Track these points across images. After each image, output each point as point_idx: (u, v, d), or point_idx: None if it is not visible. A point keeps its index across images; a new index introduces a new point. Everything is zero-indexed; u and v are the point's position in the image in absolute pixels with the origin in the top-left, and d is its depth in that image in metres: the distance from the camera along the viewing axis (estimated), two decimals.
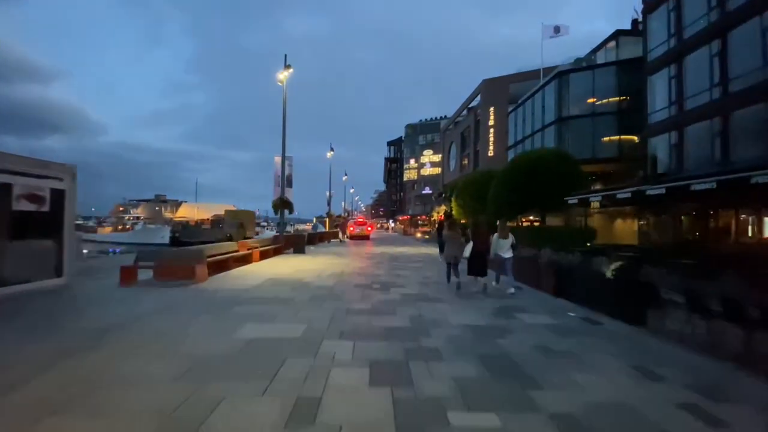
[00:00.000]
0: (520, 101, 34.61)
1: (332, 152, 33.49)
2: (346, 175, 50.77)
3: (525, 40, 48.42)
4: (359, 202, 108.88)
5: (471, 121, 49.96)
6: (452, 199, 29.90)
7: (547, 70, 36.89)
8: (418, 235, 33.63)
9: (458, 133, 55.80)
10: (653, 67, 18.89)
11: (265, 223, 68.17)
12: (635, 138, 25.07)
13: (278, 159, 16.68)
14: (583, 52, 30.39)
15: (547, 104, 29.06)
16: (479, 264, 9.03)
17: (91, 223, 75.07)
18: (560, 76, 27.29)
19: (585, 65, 27.21)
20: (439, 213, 28.69)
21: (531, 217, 32.36)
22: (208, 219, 74.13)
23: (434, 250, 20.24)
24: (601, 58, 28.04)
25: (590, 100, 26.36)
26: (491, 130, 44.43)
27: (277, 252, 15.51)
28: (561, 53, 31.92)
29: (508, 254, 9.11)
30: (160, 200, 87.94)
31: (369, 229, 30.40)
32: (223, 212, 77.67)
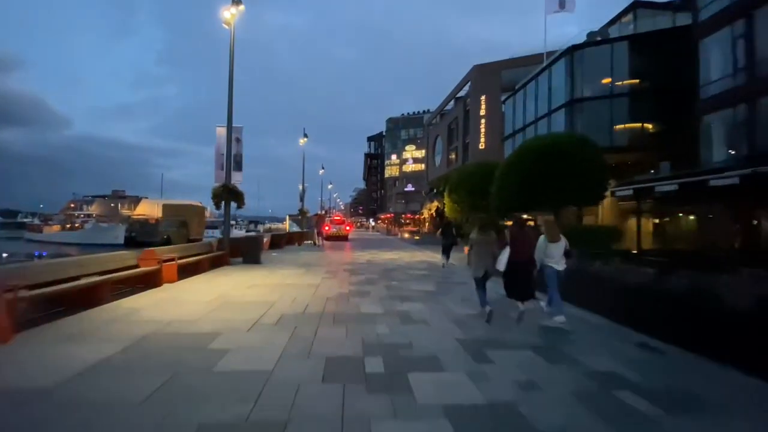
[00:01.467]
0: (519, 84, 30.75)
1: (305, 139, 28.70)
2: (323, 168, 45.96)
3: (500, 41, 45.17)
4: (338, 200, 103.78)
5: (459, 112, 46.08)
6: (445, 194, 25.69)
7: (534, 57, 33.40)
8: (406, 235, 29.26)
9: (444, 126, 51.88)
10: (709, 28, 15.15)
11: (234, 222, 62.48)
12: (649, 126, 21.64)
13: (222, 131, 11.91)
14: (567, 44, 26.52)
15: (556, 85, 25.22)
16: (523, 280, 6.17)
17: (36, 221, 67.36)
18: (572, 51, 23.45)
19: (600, 39, 23.48)
20: (430, 210, 24.33)
21: (524, 216, 28.65)
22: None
23: (432, 255, 15.88)
24: (614, 33, 24.40)
25: (607, 80, 22.63)
26: (482, 121, 40.65)
27: (215, 263, 10.74)
28: (553, 42, 28.10)
29: (560, 265, 6.25)
30: (118, 196, 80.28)
31: (347, 228, 25.83)
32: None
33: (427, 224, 27.18)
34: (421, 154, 76.80)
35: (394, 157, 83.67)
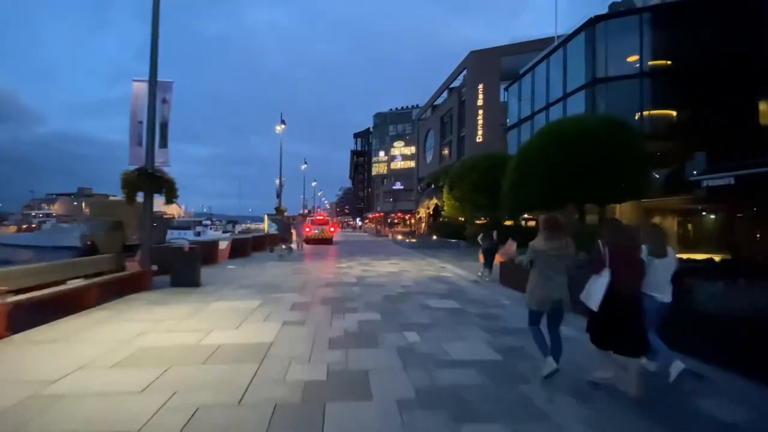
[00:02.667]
0: (526, 68, 27.39)
1: (283, 125, 24.76)
2: (305, 163, 41.88)
3: (489, 40, 42.16)
4: (324, 200, 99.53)
5: (454, 103, 42.68)
6: (444, 190, 22.12)
7: (537, 43, 30.33)
8: (399, 236, 25.63)
9: (437, 119, 48.44)
10: None
11: (209, 222, 57.72)
12: (671, 113, 18.55)
13: (141, 87, 8.01)
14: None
15: (573, 65, 21.94)
16: (631, 324, 3.43)
17: None
18: (594, 23, 20.16)
19: (626, 9, 20.25)
20: (428, 209, 20.70)
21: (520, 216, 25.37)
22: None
23: (441, 264, 12.25)
24: (640, 2, 21.24)
25: (633, 58, 19.42)
26: (480, 112, 37.28)
27: (124, 288, 6.84)
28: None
29: (666, 294, 3.84)
30: (84, 194, 74.33)
31: (331, 229, 22.06)
32: (160, 208, 66.26)
33: (423, 224, 23.59)
34: (410, 150, 73.29)
35: (381, 153, 79.91)
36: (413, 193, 67.27)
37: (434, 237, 24.96)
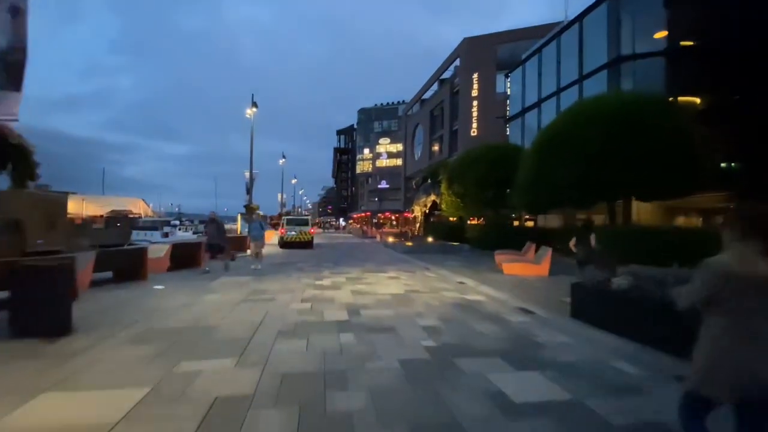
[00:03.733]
0: (531, 51, 24.54)
1: (255, 108, 21.08)
2: (284, 157, 38.00)
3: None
4: (305, 198, 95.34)
5: (445, 95, 39.74)
6: (442, 186, 18.94)
7: (536, 30, 27.71)
8: (390, 239, 22.34)
9: (426, 113, 45.45)
10: None
11: (178, 222, 53.01)
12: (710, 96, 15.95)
13: None
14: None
15: (592, 42, 19.14)
16: None
17: None
18: None
19: None
20: (425, 206, 17.44)
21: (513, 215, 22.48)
22: (100, 216, 57.29)
23: (457, 277, 8.98)
24: None
25: (661, 34, 16.76)
26: (474, 103, 34.42)
27: None
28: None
29: None
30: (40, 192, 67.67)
31: (311, 230, 18.57)
32: (126, 207, 60.81)
33: (417, 225, 20.35)
34: (396, 147, 70.17)
35: (366, 151, 76.49)
36: (400, 192, 64.13)
37: (430, 239, 21.73)
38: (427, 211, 19.04)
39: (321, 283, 8.77)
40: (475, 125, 34.38)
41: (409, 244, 18.39)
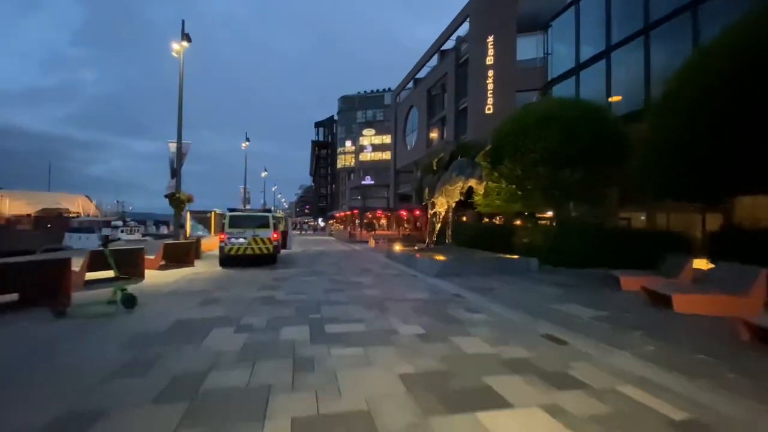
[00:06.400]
0: None
1: (187, 43, 13.23)
2: (248, 140, 29.85)
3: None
4: (279, 196, 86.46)
5: (448, 67, 32.72)
6: (482, 163, 11.69)
7: None
8: (397, 247, 14.90)
9: (422, 93, 38.34)
10: None
11: (121, 223, 43.79)
12: None
13: None
14: None
15: None
16: None
17: None
18: None
19: None
20: (461, 193, 9.82)
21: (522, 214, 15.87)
22: (30, 215, 47.00)
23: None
24: None
25: None
26: (490, 73, 27.51)
27: None
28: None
29: None
30: None
31: (274, 236, 10.80)
32: (61, 205, 50.58)
33: (437, 225, 12.98)
34: (382, 139, 62.94)
35: (348, 143, 68.86)
36: (387, 189, 56.87)
37: (465, 248, 14.57)
38: (463, 198, 11.84)
39: None
40: (490, 101, 27.47)
41: (439, 257, 11.04)
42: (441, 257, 10.99)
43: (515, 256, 11.32)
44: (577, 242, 11.10)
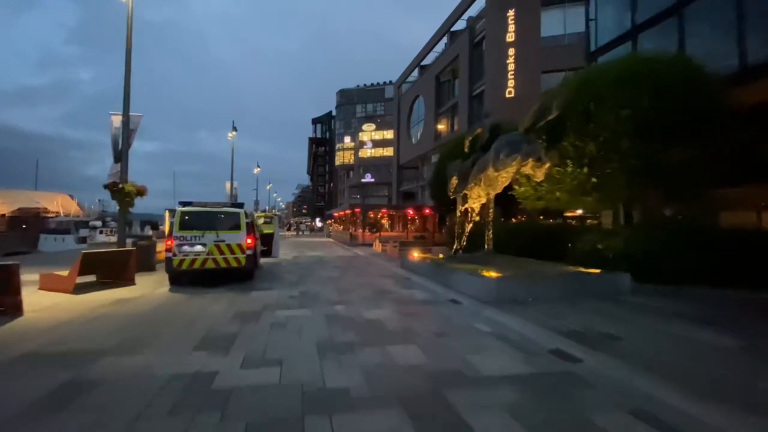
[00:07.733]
0: None
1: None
2: (235, 129, 26.29)
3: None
4: (275, 196, 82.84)
5: (461, 48, 29.19)
6: (544, 140, 8.09)
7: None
8: (416, 254, 11.21)
9: (429, 81, 34.83)
10: None
11: (100, 223, 40.00)
12: None
13: None
14: None
15: None
16: None
17: None
18: None
19: None
20: (493, 189, 6.06)
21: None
22: (5, 215, 43.28)
23: None
24: None
25: None
26: (510, 51, 24.05)
27: None
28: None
29: None
30: None
31: (248, 241, 7.21)
32: (40, 204, 46.85)
33: (468, 225, 9.28)
34: (383, 135, 59.38)
35: (347, 140, 65.24)
36: (389, 187, 53.33)
37: (508, 255, 10.95)
38: (474, 204, 8.20)
39: None
40: (511, 83, 23.98)
41: (488, 272, 7.51)
42: (491, 272, 7.45)
43: (595, 270, 7.79)
44: (687, 250, 7.61)
